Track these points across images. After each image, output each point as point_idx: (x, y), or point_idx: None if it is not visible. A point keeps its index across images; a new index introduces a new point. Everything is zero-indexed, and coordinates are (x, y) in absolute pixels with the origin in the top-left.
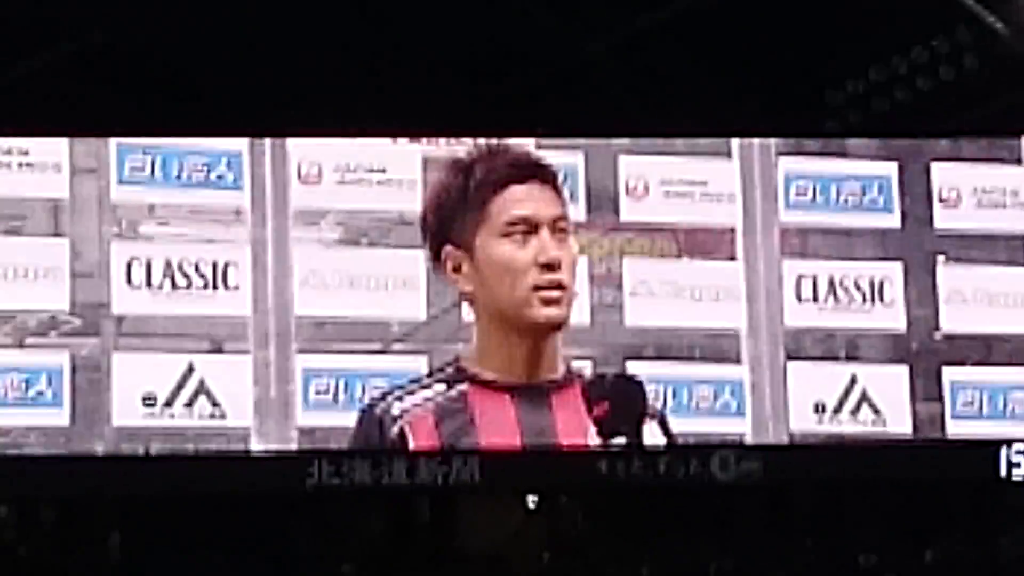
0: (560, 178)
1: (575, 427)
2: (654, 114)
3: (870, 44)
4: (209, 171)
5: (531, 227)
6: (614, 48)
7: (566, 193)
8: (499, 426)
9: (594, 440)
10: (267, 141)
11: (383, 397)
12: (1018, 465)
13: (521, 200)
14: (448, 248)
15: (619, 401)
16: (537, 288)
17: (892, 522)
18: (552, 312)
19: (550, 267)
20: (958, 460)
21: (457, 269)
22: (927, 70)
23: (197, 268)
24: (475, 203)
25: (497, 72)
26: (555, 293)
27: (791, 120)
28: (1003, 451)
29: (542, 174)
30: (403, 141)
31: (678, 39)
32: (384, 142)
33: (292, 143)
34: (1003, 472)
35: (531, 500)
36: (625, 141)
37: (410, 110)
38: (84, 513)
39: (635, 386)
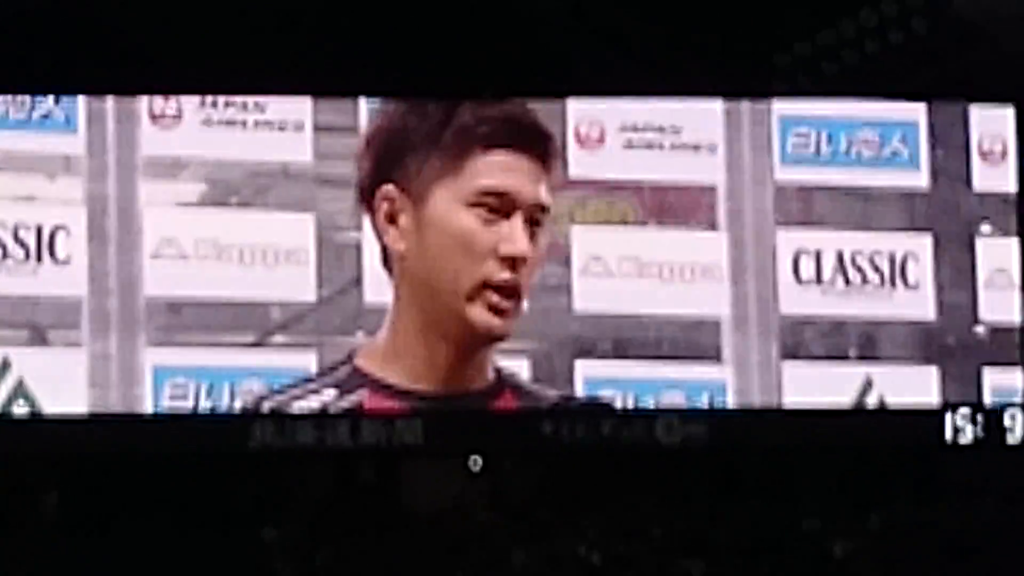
0: (556, 154)
1: None
2: (601, 73)
3: (819, 7)
4: (33, 108)
5: (506, 207)
6: (562, 5)
7: (558, 172)
8: None
9: None
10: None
11: (257, 402)
12: (962, 431)
13: (505, 170)
14: (388, 188)
15: None
16: (488, 286)
17: (837, 487)
18: (495, 323)
19: (513, 264)
20: (903, 427)
21: (392, 219)
22: (875, 33)
23: (15, 234)
24: (447, 150)
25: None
26: (506, 303)
27: (739, 81)
28: (947, 417)
29: (536, 145)
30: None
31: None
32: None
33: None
34: (948, 438)
35: (475, 462)
36: None
37: (343, 67)
38: (21, 472)
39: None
